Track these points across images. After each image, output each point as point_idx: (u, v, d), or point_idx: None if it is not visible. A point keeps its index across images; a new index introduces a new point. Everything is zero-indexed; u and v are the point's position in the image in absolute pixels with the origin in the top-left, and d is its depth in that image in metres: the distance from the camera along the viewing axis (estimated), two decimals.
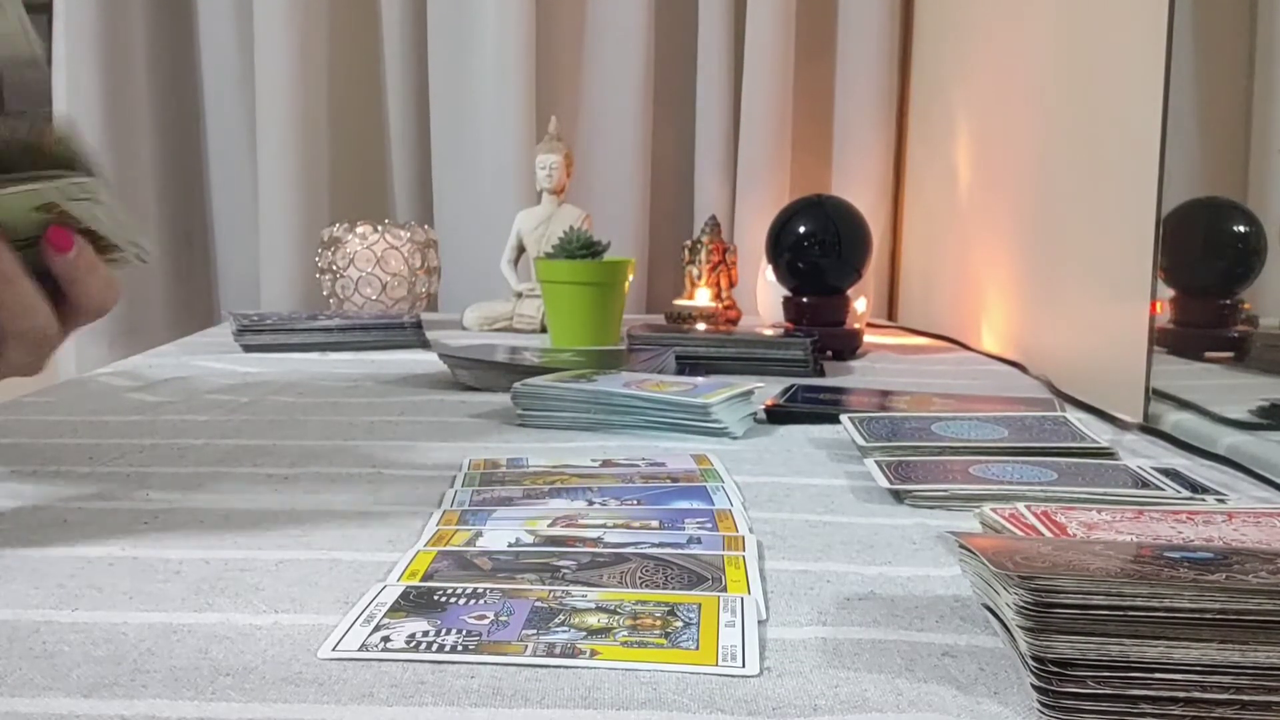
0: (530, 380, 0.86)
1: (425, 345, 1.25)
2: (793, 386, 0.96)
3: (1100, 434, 0.74)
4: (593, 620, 0.43)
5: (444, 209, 1.76)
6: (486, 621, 0.42)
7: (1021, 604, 0.36)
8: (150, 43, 1.75)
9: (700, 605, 0.44)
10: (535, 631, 0.42)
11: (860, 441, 0.73)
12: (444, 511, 0.59)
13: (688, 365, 1.08)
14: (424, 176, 1.80)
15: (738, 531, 0.55)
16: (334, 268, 1.52)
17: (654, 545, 0.53)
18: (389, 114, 1.80)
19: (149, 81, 1.75)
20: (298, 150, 1.70)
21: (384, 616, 0.43)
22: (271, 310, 1.62)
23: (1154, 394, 0.87)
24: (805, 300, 1.26)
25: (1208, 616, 0.35)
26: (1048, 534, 0.50)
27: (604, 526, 0.56)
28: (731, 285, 1.48)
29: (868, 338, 1.34)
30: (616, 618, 0.43)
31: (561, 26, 1.76)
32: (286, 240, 1.70)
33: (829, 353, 1.22)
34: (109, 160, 1.67)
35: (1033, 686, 0.35)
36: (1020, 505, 0.55)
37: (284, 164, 1.69)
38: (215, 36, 1.77)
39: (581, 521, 0.57)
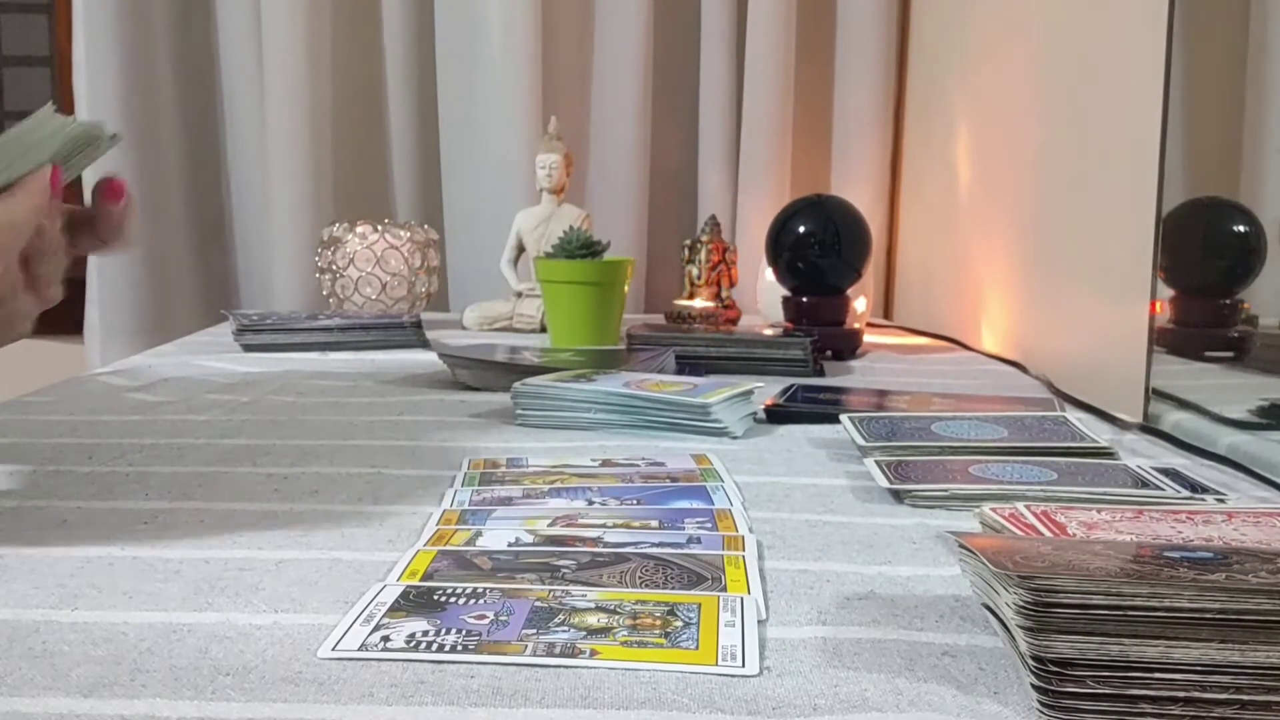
0: (530, 380, 0.86)
1: (425, 345, 1.25)
2: (793, 386, 0.96)
3: (1100, 434, 0.74)
4: (592, 620, 0.43)
5: (450, 208, 1.76)
6: (486, 621, 0.42)
7: (1021, 604, 0.36)
8: (169, 43, 1.75)
9: (700, 605, 0.44)
10: (535, 631, 0.42)
11: (860, 441, 0.73)
12: (444, 511, 0.59)
13: (688, 365, 1.08)
14: (428, 176, 1.80)
15: (737, 531, 0.55)
16: (334, 267, 1.52)
17: (654, 545, 0.53)
18: (393, 114, 1.80)
19: (168, 82, 1.75)
20: (306, 150, 1.70)
21: (384, 616, 0.43)
22: (280, 309, 1.62)
23: (1154, 394, 0.87)
24: (805, 300, 1.26)
25: (1207, 616, 0.35)
26: (1047, 534, 0.50)
27: (604, 526, 0.56)
28: (731, 285, 1.48)
29: (867, 337, 1.34)
30: (616, 617, 0.43)
31: (565, 27, 1.76)
32: (296, 239, 1.70)
33: (829, 353, 1.22)
34: (132, 159, 1.67)
35: (1032, 686, 0.35)
36: (1020, 505, 0.55)
37: (292, 164, 1.70)
38: (233, 33, 1.77)
39: (581, 521, 0.57)
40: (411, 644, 0.41)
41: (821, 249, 1.25)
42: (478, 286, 1.67)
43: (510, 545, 0.53)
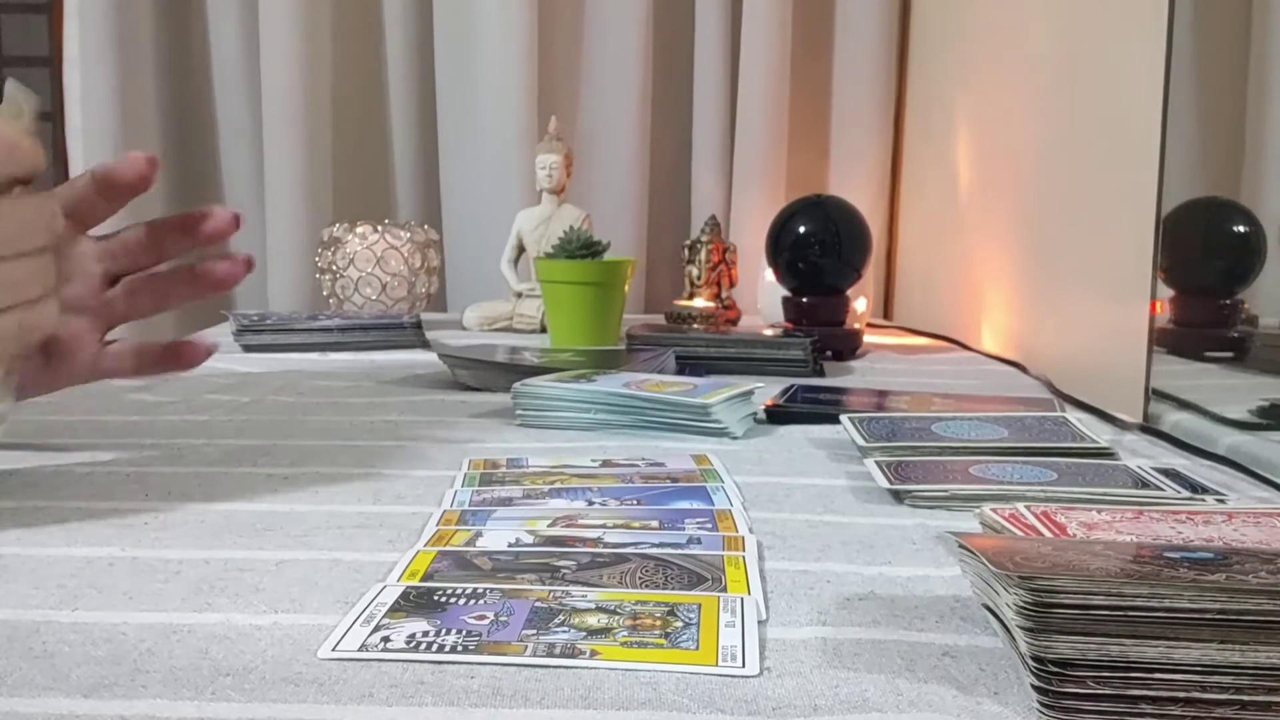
0: (530, 380, 0.86)
1: (425, 345, 1.25)
2: (793, 386, 0.96)
3: (1100, 434, 0.74)
4: (593, 620, 0.43)
5: (449, 209, 1.76)
6: (486, 621, 0.42)
7: (1021, 604, 0.36)
8: (160, 42, 1.75)
9: (700, 605, 0.44)
10: (535, 631, 0.42)
11: (860, 441, 0.73)
12: (444, 511, 0.59)
13: (688, 365, 1.08)
14: (428, 176, 1.80)
15: (738, 531, 0.55)
16: (334, 268, 1.52)
17: (654, 545, 0.53)
18: (393, 114, 1.79)
19: (160, 81, 1.75)
20: (303, 151, 1.70)
21: (384, 616, 0.43)
22: (277, 310, 1.62)
23: (1154, 394, 0.87)
24: (805, 300, 1.26)
25: (1208, 616, 0.35)
26: (1048, 534, 0.50)
27: (604, 527, 0.56)
28: (731, 285, 1.48)
29: (867, 338, 1.34)
30: (616, 618, 0.43)
31: (562, 27, 1.77)
32: (293, 240, 1.70)
33: (829, 353, 1.22)
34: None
35: (1033, 687, 0.35)
36: (1020, 505, 0.55)
37: (290, 164, 1.70)
38: (223, 34, 1.77)
39: (581, 522, 0.57)
40: (411, 644, 0.41)
41: (821, 249, 1.25)
42: (476, 287, 1.67)
43: (510, 546, 0.53)
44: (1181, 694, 0.34)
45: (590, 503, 0.61)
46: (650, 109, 1.77)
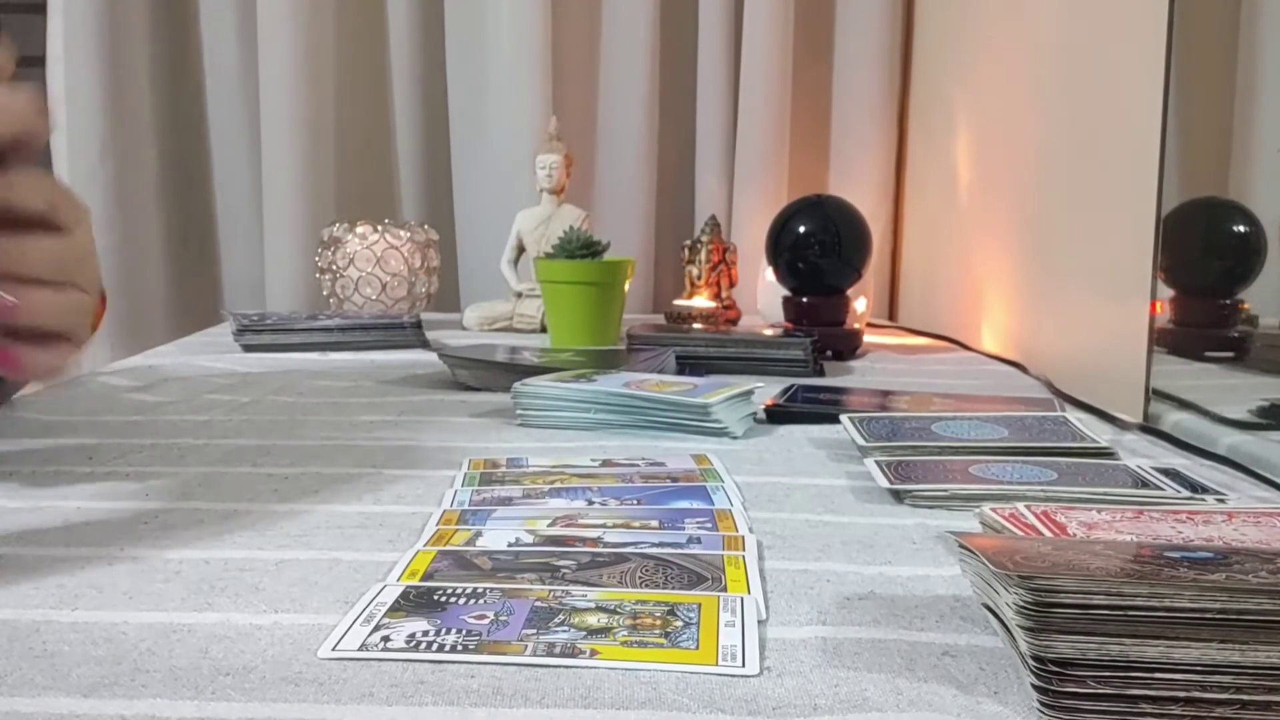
0: (530, 380, 0.86)
1: (425, 345, 1.25)
2: (793, 386, 0.96)
3: (1100, 434, 0.74)
4: (593, 620, 0.43)
5: (461, 208, 1.76)
6: (486, 621, 0.42)
7: (1021, 604, 0.36)
8: (151, 40, 1.74)
9: (700, 605, 0.44)
10: (535, 631, 0.42)
11: (860, 441, 0.73)
12: (444, 511, 0.59)
13: (688, 365, 1.08)
14: (437, 176, 1.79)
15: (738, 531, 0.55)
16: (334, 268, 1.52)
17: (654, 545, 0.53)
18: (396, 114, 1.79)
19: (150, 80, 1.74)
20: (304, 150, 1.69)
21: (384, 616, 0.43)
22: (277, 310, 1.62)
23: (1154, 394, 0.87)
24: (805, 300, 1.26)
25: (1208, 616, 0.35)
26: (1048, 534, 0.50)
27: (604, 526, 0.56)
28: (731, 285, 1.48)
29: (868, 338, 1.34)
30: (616, 617, 0.43)
31: (573, 27, 1.76)
32: (293, 240, 1.70)
33: (829, 353, 1.22)
34: (110, 161, 1.67)
35: (1033, 686, 0.35)
36: (1020, 505, 0.55)
37: (290, 163, 1.69)
38: (217, 33, 1.76)
39: (581, 521, 0.57)
40: (412, 644, 0.41)
41: (821, 249, 1.25)
42: (489, 287, 1.67)
43: (510, 545, 0.53)
44: (1182, 693, 0.34)
45: (590, 502, 0.61)
46: (658, 110, 1.76)
